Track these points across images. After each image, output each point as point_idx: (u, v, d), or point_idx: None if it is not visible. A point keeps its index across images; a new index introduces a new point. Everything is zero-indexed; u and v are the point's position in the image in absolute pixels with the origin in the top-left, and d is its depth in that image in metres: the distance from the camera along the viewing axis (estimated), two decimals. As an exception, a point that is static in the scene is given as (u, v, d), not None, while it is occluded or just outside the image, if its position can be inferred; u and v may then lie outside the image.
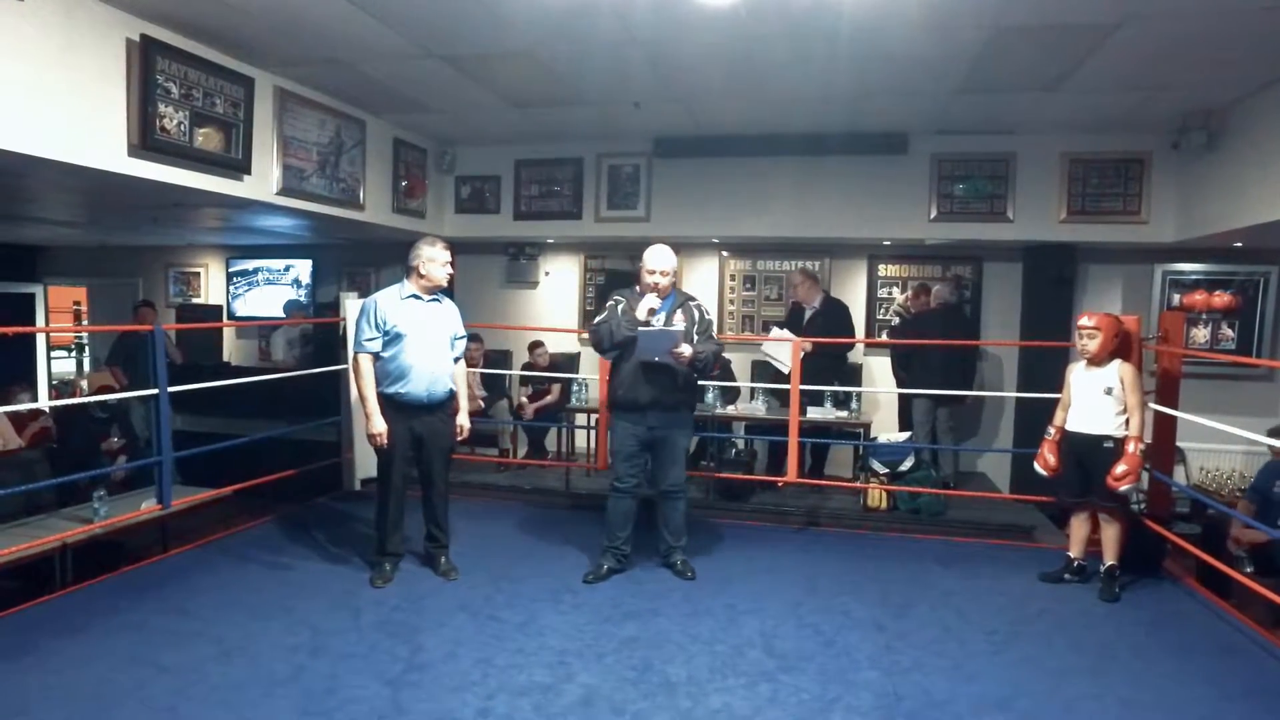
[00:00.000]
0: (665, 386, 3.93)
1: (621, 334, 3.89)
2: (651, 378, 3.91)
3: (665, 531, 4.18)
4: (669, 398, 3.96)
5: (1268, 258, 6.40)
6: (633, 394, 3.94)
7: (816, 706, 2.85)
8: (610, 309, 4.04)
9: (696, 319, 4.04)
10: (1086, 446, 4.08)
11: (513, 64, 4.83)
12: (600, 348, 4.06)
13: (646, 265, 3.97)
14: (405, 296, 3.87)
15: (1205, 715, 2.90)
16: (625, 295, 4.07)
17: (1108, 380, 4.04)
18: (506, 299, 8.00)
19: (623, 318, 3.95)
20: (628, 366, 3.94)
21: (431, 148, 6.95)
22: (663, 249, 4.00)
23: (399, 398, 3.82)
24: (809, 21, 3.96)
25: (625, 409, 3.99)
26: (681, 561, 4.14)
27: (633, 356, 3.91)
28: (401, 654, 3.15)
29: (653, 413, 3.95)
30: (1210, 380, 6.34)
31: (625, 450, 4.03)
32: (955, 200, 6.24)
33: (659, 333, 3.86)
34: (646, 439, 4.01)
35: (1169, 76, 4.67)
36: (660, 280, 3.95)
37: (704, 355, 3.93)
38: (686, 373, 3.98)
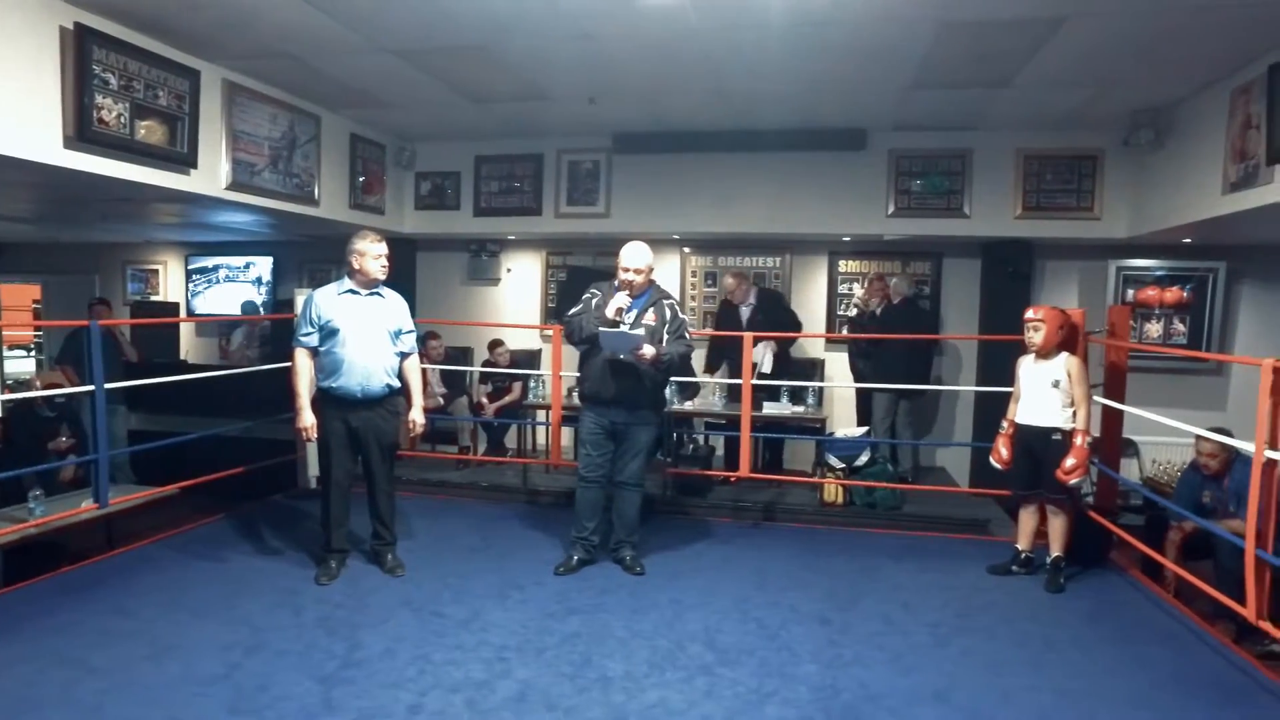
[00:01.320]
0: (631, 383, 3.96)
1: (589, 330, 3.96)
2: (618, 373, 3.95)
3: (618, 523, 4.21)
4: (634, 394, 3.99)
5: (1216, 254, 6.50)
6: (598, 387, 4.00)
7: (752, 700, 2.84)
8: (586, 302, 4.08)
9: (668, 318, 4.04)
10: (1035, 439, 4.12)
11: (467, 59, 4.80)
12: (571, 340, 4.10)
13: (621, 263, 4.01)
14: (342, 292, 3.85)
15: (1135, 702, 2.93)
16: (601, 289, 4.11)
17: (1055, 373, 4.08)
18: (468, 296, 7.95)
19: (594, 313, 3.99)
20: (596, 360, 3.99)
21: (390, 143, 6.89)
22: (638, 246, 4.03)
23: (334, 392, 3.80)
24: (759, 17, 3.97)
25: (591, 401, 4.06)
26: (631, 556, 4.15)
27: (601, 350, 3.96)
28: (338, 651, 3.12)
29: (616, 408, 4.00)
30: (1162, 374, 6.45)
31: (589, 439, 4.09)
32: (913, 196, 6.29)
33: (619, 334, 3.88)
34: (610, 431, 4.07)
35: (1115, 74, 4.72)
36: (634, 278, 3.98)
37: (668, 356, 3.95)
38: (652, 371, 3.99)
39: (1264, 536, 3.13)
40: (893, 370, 5.89)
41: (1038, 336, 4.10)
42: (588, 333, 3.96)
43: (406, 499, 5.24)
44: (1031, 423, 4.14)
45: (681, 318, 4.13)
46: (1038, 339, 4.10)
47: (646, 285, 4.06)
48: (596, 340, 3.94)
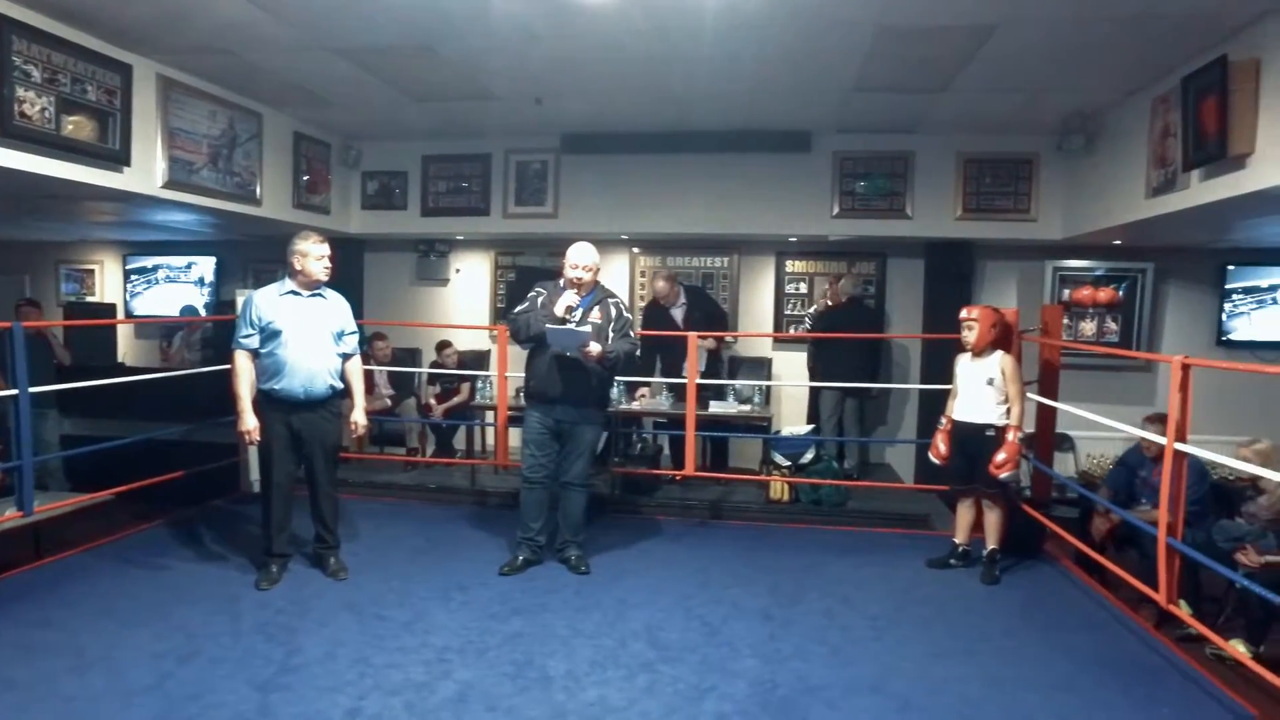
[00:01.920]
0: (577, 381, 3.98)
1: (536, 328, 3.95)
2: (565, 371, 3.95)
3: (563, 524, 4.21)
4: (580, 392, 4.00)
5: (1145, 255, 6.74)
6: (544, 386, 4.00)
7: (691, 696, 2.88)
8: (531, 300, 4.09)
9: (613, 316, 4.07)
10: (970, 435, 4.22)
11: (409, 58, 4.76)
12: (517, 338, 4.10)
13: (569, 261, 4.02)
14: (284, 293, 3.80)
15: (1059, 686, 3.03)
16: (547, 287, 4.12)
17: (989, 371, 4.19)
18: (417, 296, 7.88)
19: (541, 311, 3.99)
20: (543, 358, 4.00)
21: (335, 142, 6.79)
22: (585, 246, 4.06)
23: (275, 394, 3.75)
24: (694, 19, 4.01)
25: (537, 400, 4.06)
26: (576, 556, 4.16)
27: (548, 350, 3.96)
28: (276, 656, 3.07)
29: (562, 405, 4.01)
30: (1095, 371, 6.66)
31: (534, 438, 4.08)
32: (857, 197, 6.40)
33: (567, 331, 3.89)
34: (555, 430, 4.06)
35: (1046, 81, 4.87)
36: (582, 276, 4.00)
37: (614, 353, 3.99)
38: (599, 369, 4.01)
39: (1174, 525, 3.27)
40: (839, 369, 5.99)
41: (971, 335, 4.22)
42: (535, 330, 3.95)
43: (352, 502, 5.19)
44: (967, 419, 4.25)
45: (626, 316, 4.17)
46: (971, 337, 4.22)
47: (593, 284, 4.08)
48: (543, 338, 3.94)
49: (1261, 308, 6.82)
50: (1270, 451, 4.29)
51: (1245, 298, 6.83)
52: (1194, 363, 3.22)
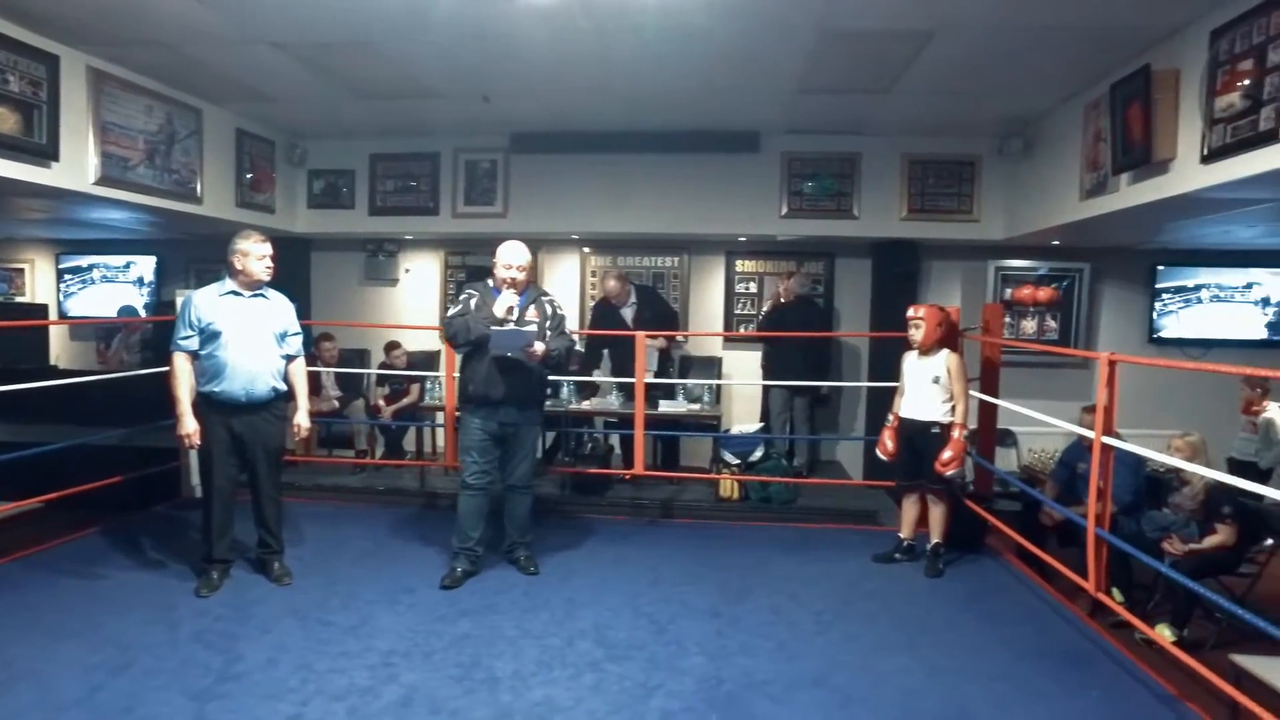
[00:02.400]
0: (519, 382, 3.92)
1: (478, 331, 3.85)
2: (506, 373, 3.88)
3: (510, 527, 4.16)
4: (522, 393, 3.95)
5: (1082, 255, 6.96)
6: (486, 389, 3.89)
7: (638, 694, 2.89)
8: (464, 302, 3.98)
9: (549, 314, 4.04)
10: (916, 432, 4.31)
11: (351, 55, 4.69)
12: (455, 342, 4.00)
13: (502, 260, 3.94)
14: (224, 293, 3.72)
15: (997, 676, 3.12)
16: (478, 289, 4.02)
17: (935, 369, 4.27)
18: (365, 296, 7.77)
19: (478, 313, 3.90)
20: (481, 361, 3.90)
21: (280, 140, 6.66)
22: (517, 244, 3.98)
23: (215, 396, 3.66)
24: (641, 19, 4.02)
25: (478, 404, 3.95)
26: (525, 557, 4.14)
27: (487, 352, 3.87)
28: (215, 665, 3.00)
29: (505, 408, 3.93)
30: (1036, 368, 6.85)
31: (475, 444, 3.97)
32: (805, 197, 6.49)
33: (513, 332, 3.82)
34: (498, 434, 3.98)
35: (984, 85, 5.00)
36: (517, 275, 3.92)
37: (556, 351, 3.96)
38: (540, 369, 3.99)
39: (1102, 516, 3.38)
40: (789, 367, 6.06)
41: (918, 334, 4.30)
42: (477, 333, 3.85)
43: (298, 505, 5.10)
44: (913, 416, 4.33)
45: (562, 313, 4.13)
46: (918, 336, 4.30)
47: (526, 283, 4.02)
48: (486, 341, 3.85)
49: (1188, 306, 7.09)
50: (1199, 444, 4.46)
51: (1174, 297, 7.10)
52: (1120, 359, 3.34)
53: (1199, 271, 7.05)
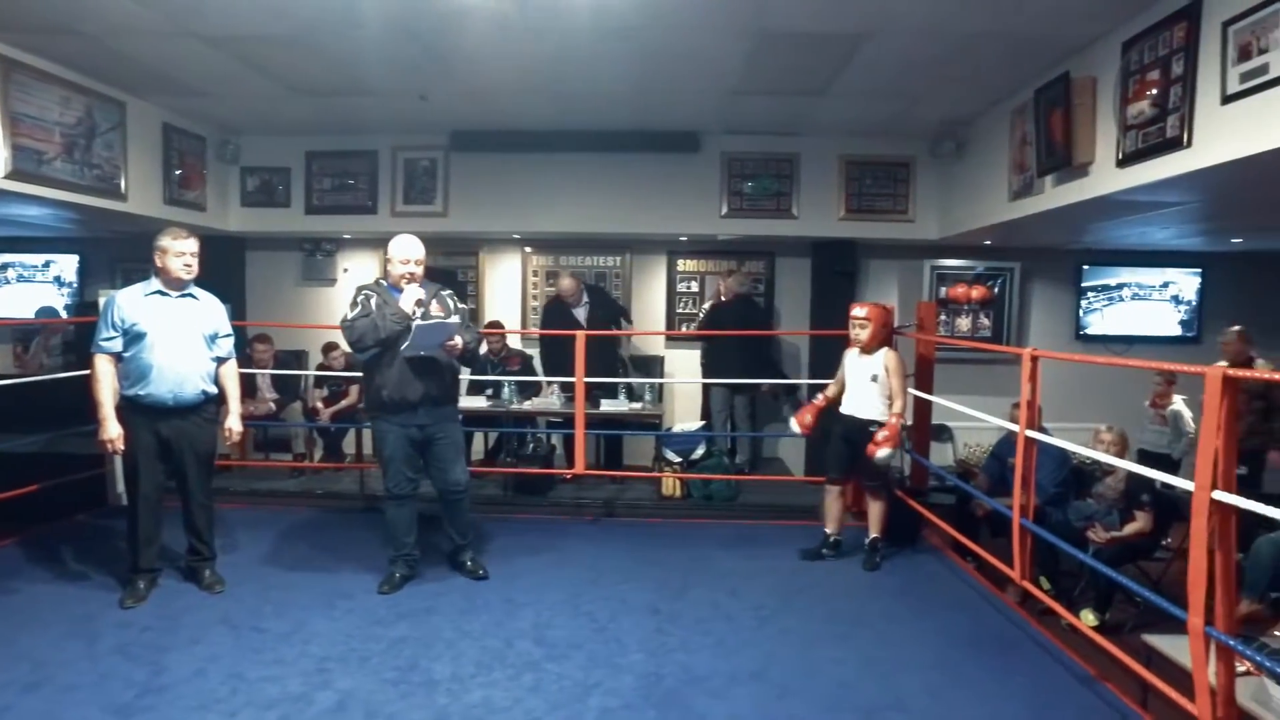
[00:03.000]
0: (435, 381, 3.78)
1: (390, 329, 3.65)
2: (421, 372, 3.72)
3: (452, 531, 4.04)
4: (439, 393, 3.81)
5: (1012, 255, 7.20)
6: (401, 392, 3.71)
7: (576, 692, 2.89)
8: (364, 303, 3.76)
9: (452, 307, 3.93)
10: (855, 429, 4.34)
11: (283, 49, 4.59)
12: (362, 345, 3.72)
13: (398, 255, 3.78)
14: (149, 293, 3.60)
15: (929, 664, 3.20)
16: (374, 289, 3.83)
17: (874, 367, 4.30)
18: (303, 297, 7.60)
19: (382, 311, 3.69)
20: (392, 364, 3.71)
21: (211, 135, 6.48)
22: (410, 238, 3.85)
23: (141, 400, 3.54)
24: (574, 19, 4.02)
25: (394, 410, 3.75)
26: (472, 560, 4.06)
27: (398, 353, 3.69)
28: (138, 678, 2.90)
29: (424, 410, 3.78)
30: (971, 364, 7.04)
31: (399, 454, 3.80)
32: (745, 197, 6.56)
33: (435, 325, 3.68)
34: (419, 439, 3.82)
35: (916, 89, 5.12)
36: (415, 270, 3.79)
37: (471, 344, 3.88)
38: (454, 364, 3.89)
39: (1026, 507, 3.50)
40: (728, 365, 6.12)
41: (863, 333, 4.30)
42: (389, 331, 3.65)
43: (233, 511, 4.98)
44: (852, 414, 4.37)
45: (463, 306, 4.05)
46: (864, 336, 4.30)
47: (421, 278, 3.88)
48: (398, 339, 3.67)
49: (1112, 304, 7.39)
50: (1123, 436, 4.66)
51: (1099, 295, 7.39)
52: (1041, 355, 3.46)
53: (1121, 271, 7.34)
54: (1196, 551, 2.26)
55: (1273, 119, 3.03)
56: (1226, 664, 2.27)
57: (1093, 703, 2.93)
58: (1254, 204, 4.59)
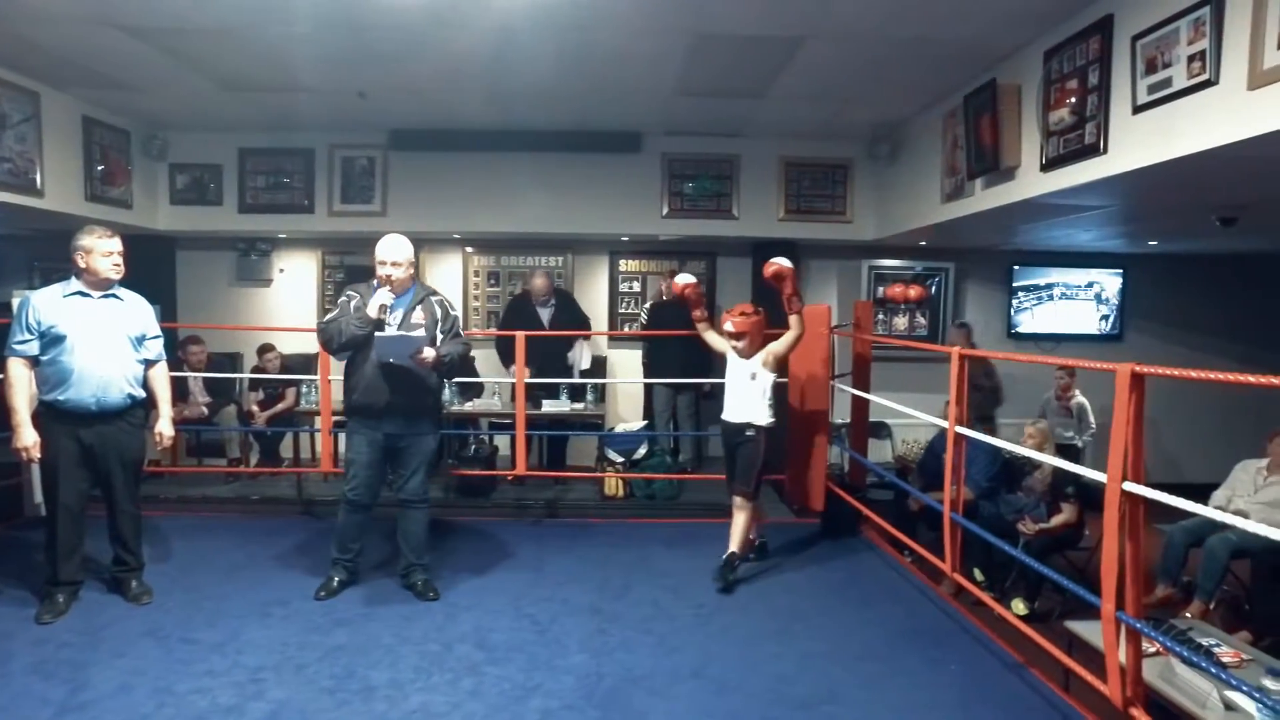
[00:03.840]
0: (406, 390, 3.64)
1: (350, 332, 3.57)
2: (393, 381, 3.61)
3: (405, 547, 3.84)
4: (410, 402, 3.67)
5: (947, 255, 7.39)
6: (369, 398, 3.62)
7: (517, 695, 2.88)
8: (343, 305, 3.72)
9: (439, 316, 3.77)
10: (732, 434, 4.15)
11: (215, 43, 4.45)
12: (329, 347, 3.73)
13: (376, 256, 3.68)
14: (69, 294, 3.46)
15: (865, 656, 3.28)
16: (360, 290, 3.75)
17: (753, 366, 4.07)
18: (237, 297, 7.40)
19: (354, 315, 3.62)
20: (365, 367, 3.62)
21: (136, 130, 6.25)
22: (396, 238, 3.73)
23: (61, 405, 3.40)
24: (508, 18, 3.99)
25: (361, 414, 3.68)
26: (423, 582, 3.82)
27: (370, 357, 3.61)
28: (56, 696, 2.79)
29: (391, 419, 3.66)
30: (908, 362, 7.19)
31: (361, 460, 3.71)
32: (685, 198, 6.60)
33: (397, 338, 3.56)
34: (384, 447, 3.71)
35: (853, 92, 5.22)
36: (392, 272, 3.65)
37: (449, 357, 3.69)
38: (433, 376, 3.74)
39: (956, 501, 3.61)
40: (670, 365, 6.15)
41: (743, 344, 4.09)
42: (349, 335, 3.58)
43: (164, 518, 4.85)
44: (729, 418, 4.16)
45: (454, 314, 3.89)
46: (742, 345, 4.09)
47: (409, 282, 3.76)
48: (360, 344, 3.62)
49: (1040, 304, 7.65)
50: (1044, 431, 4.83)
51: (1028, 295, 7.64)
52: (968, 354, 3.57)
53: (1049, 271, 7.60)
54: (1109, 541, 2.36)
55: (1176, 129, 3.18)
56: (1135, 646, 2.38)
57: (1019, 688, 3.04)
58: (1165, 208, 4.81)
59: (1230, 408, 7.39)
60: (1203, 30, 3.00)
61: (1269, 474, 4.48)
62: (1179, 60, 3.13)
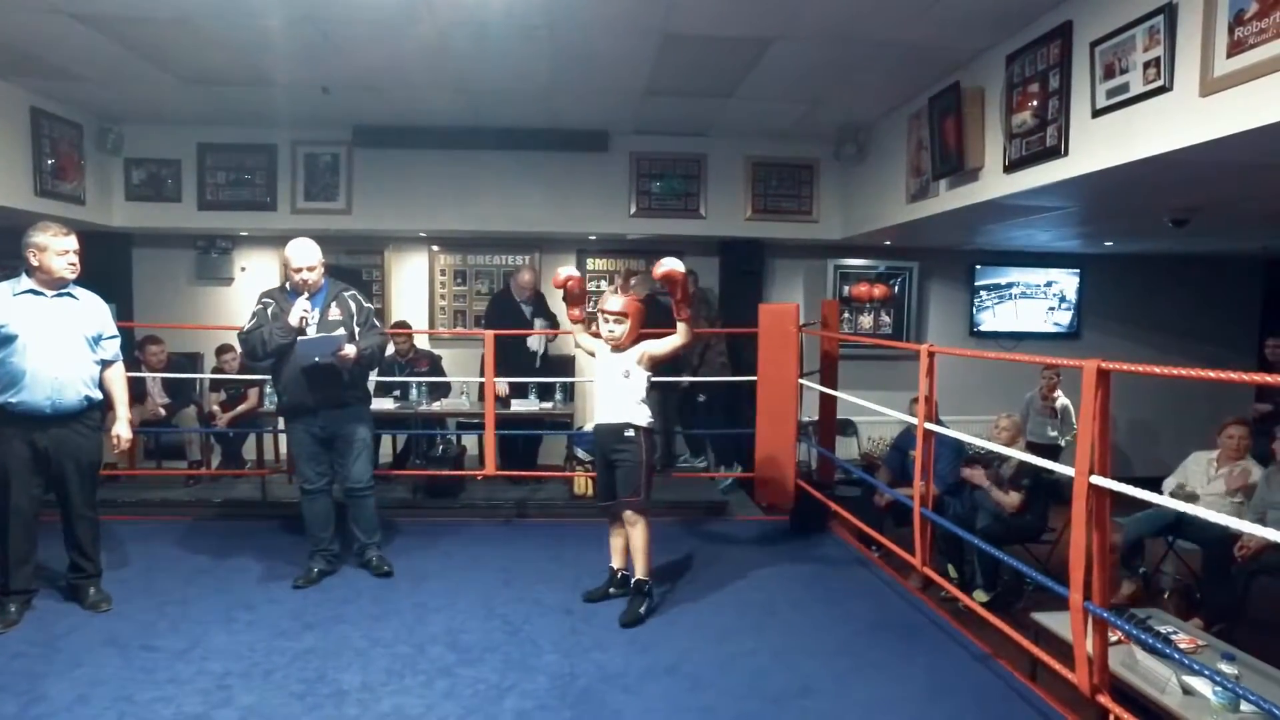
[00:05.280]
0: (332, 385, 3.83)
1: (275, 342, 3.73)
2: (315, 379, 3.79)
3: (357, 530, 4.10)
4: (339, 395, 3.88)
5: (911, 255, 7.51)
6: (299, 398, 3.83)
7: (491, 696, 2.86)
8: (259, 313, 3.82)
9: (354, 310, 3.94)
10: (610, 437, 3.62)
11: (171, 33, 4.34)
12: (254, 357, 3.85)
13: (292, 264, 3.80)
14: (20, 292, 3.36)
15: (838, 651, 3.31)
16: (274, 296, 3.88)
17: (626, 363, 3.62)
18: (196, 297, 7.24)
19: (274, 323, 3.75)
20: (289, 370, 3.79)
21: (89, 123, 6.07)
22: (306, 242, 3.83)
23: (12, 408, 3.30)
24: (490, 14, 3.97)
25: (295, 413, 3.89)
26: (378, 558, 4.08)
27: (292, 361, 3.76)
28: (8, 710, 2.69)
29: (324, 412, 3.87)
30: (874, 360, 7.28)
31: (304, 452, 3.93)
32: (653, 197, 6.62)
33: (319, 339, 3.73)
34: (323, 438, 3.93)
35: (820, 93, 5.27)
36: (308, 277, 3.80)
37: (368, 350, 3.89)
38: (354, 369, 3.89)
39: (926, 496, 3.67)
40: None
41: (620, 330, 3.61)
42: (275, 344, 3.72)
43: (121, 524, 4.71)
44: (606, 420, 3.65)
45: (368, 307, 4.07)
46: (619, 332, 3.61)
47: (321, 281, 3.90)
48: (287, 351, 3.74)
49: (1001, 303, 7.81)
50: (1017, 424, 4.93)
51: (990, 294, 7.79)
52: (937, 351, 3.63)
53: (1010, 271, 7.76)
54: (1077, 533, 2.42)
55: (1134, 132, 3.27)
56: (1102, 635, 2.44)
57: (987, 679, 3.10)
58: (1122, 209, 4.94)
59: (1179, 402, 7.63)
60: (1157, 38, 3.09)
61: (1219, 465, 4.63)
62: (1136, 66, 3.22)
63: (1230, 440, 4.55)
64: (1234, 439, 4.53)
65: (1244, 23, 2.67)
